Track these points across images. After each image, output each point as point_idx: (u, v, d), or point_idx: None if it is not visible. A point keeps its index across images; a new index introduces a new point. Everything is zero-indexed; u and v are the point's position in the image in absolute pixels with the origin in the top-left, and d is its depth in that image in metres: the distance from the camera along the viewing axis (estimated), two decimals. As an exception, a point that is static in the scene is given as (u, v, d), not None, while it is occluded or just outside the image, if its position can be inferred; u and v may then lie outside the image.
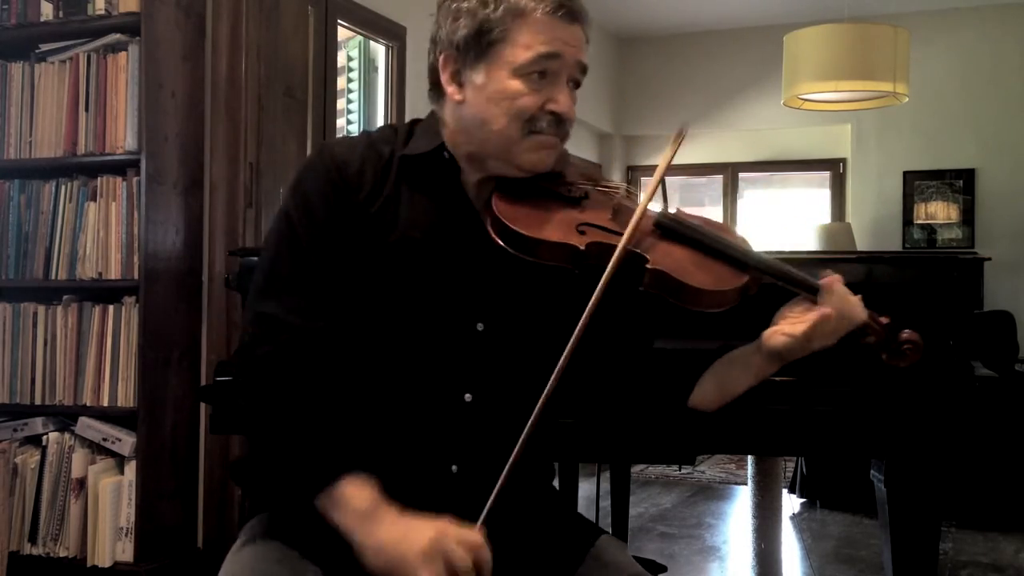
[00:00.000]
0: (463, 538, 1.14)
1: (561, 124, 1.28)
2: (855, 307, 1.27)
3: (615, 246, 1.23)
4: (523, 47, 1.25)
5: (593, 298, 1.19)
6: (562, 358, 1.18)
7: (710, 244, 1.30)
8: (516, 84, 1.25)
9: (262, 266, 1.30)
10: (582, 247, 1.24)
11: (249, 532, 1.32)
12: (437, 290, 1.28)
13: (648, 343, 1.43)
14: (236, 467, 1.70)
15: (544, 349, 1.26)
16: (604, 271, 1.21)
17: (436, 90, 1.34)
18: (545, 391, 1.18)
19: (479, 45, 1.26)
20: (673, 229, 1.31)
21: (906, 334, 1.29)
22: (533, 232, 1.25)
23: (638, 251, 1.24)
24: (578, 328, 1.18)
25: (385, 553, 1.15)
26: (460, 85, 1.29)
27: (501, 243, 1.25)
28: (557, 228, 1.26)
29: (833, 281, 1.28)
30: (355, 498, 1.18)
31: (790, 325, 1.26)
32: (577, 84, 1.31)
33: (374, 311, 1.27)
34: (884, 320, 1.30)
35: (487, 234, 1.27)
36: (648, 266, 1.24)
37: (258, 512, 1.35)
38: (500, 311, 1.29)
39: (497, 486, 1.17)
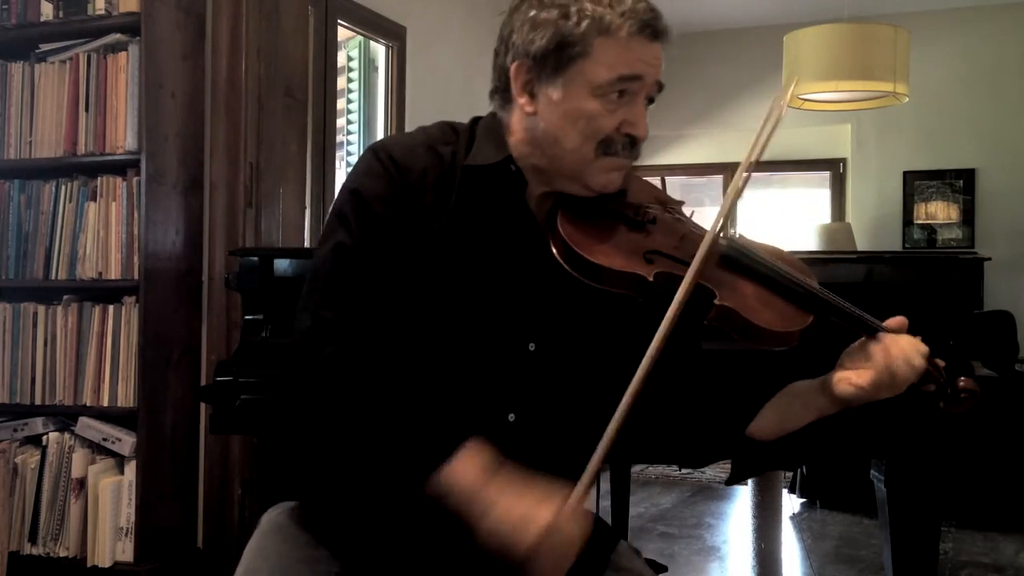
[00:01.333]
0: (570, 530, 1.11)
1: (635, 146, 1.25)
2: (916, 354, 1.23)
3: (683, 277, 1.19)
4: (605, 66, 1.20)
5: (661, 332, 1.15)
6: (631, 389, 1.14)
7: (777, 280, 1.27)
8: (594, 104, 1.21)
9: (319, 271, 1.24)
10: (650, 278, 1.20)
11: (272, 518, 1.31)
12: (493, 307, 1.24)
13: (699, 366, 1.40)
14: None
15: (593, 374, 1.25)
16: (669, 301, 1.17)
17: (503, 95, 1.28)
18: (614, 426, 1.14)
19: (558, 59, 1.21)
20: (740, 262, 1.28)
21: (963, 382, 1.26)
22: (599, 259, 1.20)
23: (706, 285, 1.21)
24: (647, 360, 1.14)
25: (499, 537, 1.10)
26: (532, 96, 1.24)
27: (566, 266, 1.22)
28: (623, 255, 1.22)
29: (900, 324, 1.25)
30: (463, 477, 1.12)
31: (857, 375, 1.23)
32: (651, 101, 1.27)
33: (428, 322, 1.23)
34: (941, 364, 1.27)
35: (548, 252, 1.23)
36: (716, 302, 1.20)
37: (277, 501, 1.34)
38: (554, 333, 1.26)
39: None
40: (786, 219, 7.11)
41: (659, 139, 7.11)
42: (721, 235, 1.28)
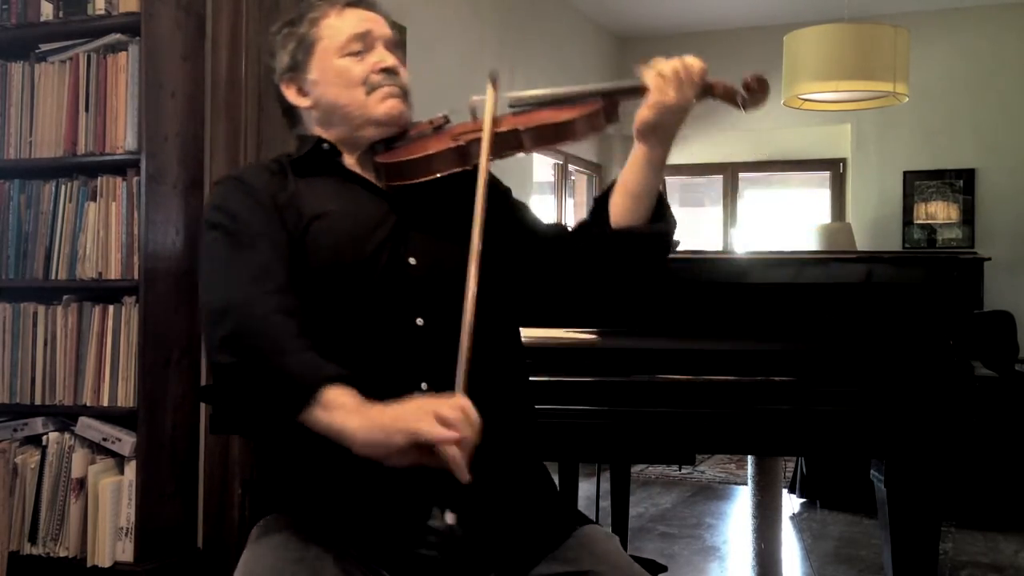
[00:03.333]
0: (448, 399, 1.20)
1: (395, 75, 1.48)
2: (693, 63, 1.40)
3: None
4: (335, 35, 1.47)
5: (481, 173, 1.34)
6: (475, 234, 1.31)
7: (557, 97, 1.47)
8: (343, 62, 1.47)
9: (208, 272, 1.37)
10: (463, 143, 1.42)
11: (262, 529, 1.34)
12: (365, 242, 1.38)
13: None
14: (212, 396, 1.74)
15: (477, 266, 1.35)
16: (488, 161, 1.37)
17: (291, 117, 1.55)
18: (473, 254, 1.29)
19: (304, 54, 1.49)
20: (525, 102, 1.48)
21: (748, 74, 1.42)
22: (420, 153, 1.43)
23: (506, 129, 1.41)
24: (478, 208, 1.32)
25: (376, 423, 1.19)
26: (305, 94, 1.50)
27: (399, 181, 1.43)
28: (436, 144, 1.44)
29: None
30: (343, 397, 1.22)
31: (645, 104, 1.39)
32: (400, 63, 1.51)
33: (314, 275, 1.36)
34: (718, 80, 1.43)
35: (384, 192, 1.44)
36: (520, 131, 1.40)
37: (266, 513, 1.36)
38: (423, 243, 1.41)
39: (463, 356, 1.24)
40: (786, 219, 7.11)
41: (659, 139, 7.11)
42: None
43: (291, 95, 1.51)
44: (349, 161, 1.49)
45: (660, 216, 1.43)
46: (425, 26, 4.60)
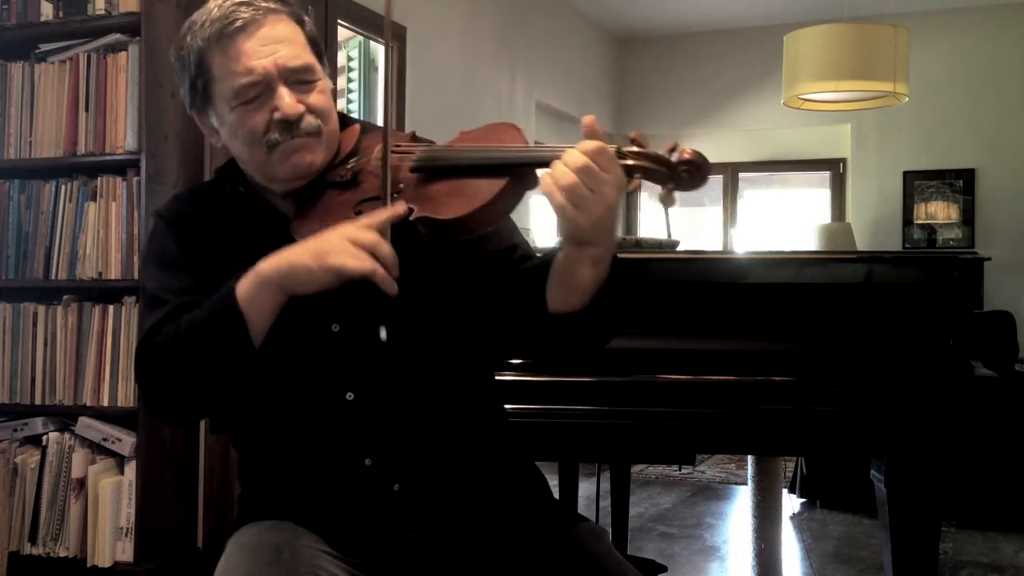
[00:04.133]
0: (357, 223, 1.17)
1: (294, 125, 1.26)
2: (597, 154, 1.13)
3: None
4: (225, 80, 1.27)
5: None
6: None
7: (464, 163, 1.22)
8: (236, 115, 1.27)
9: (143, 309, 1.33)
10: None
11: (237, 537, 1.36)
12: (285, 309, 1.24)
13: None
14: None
15: (402, 313, 1.27)
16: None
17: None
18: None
19: (202, 94, 1.31)
20: (428, 168, 1.25)
21: (686, 155, 1.15)
22: (317, 231, 1.22)
23: (402, 213, 1.20)
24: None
25: (298, 264, 1.17)
26: (216, 132, 1.34)
27: None
28: (332, 221, 1.22)
29: (588, 124, 1.16)
30: (249, 277, 1.20)
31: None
32: (307, 82, 1.30)
33: None
34: (638, 150, 1.16)
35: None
36: (411, 218, 1.19)
37: (245, 522, 1.36)
38: (349, 309, 1.28)
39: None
40: (786, 219, 7.11)
41: (659, 139, 7.11)
42: (422, 146, 1.28)
43: (205, 130, 1.36)
44: (275, 201, 1.34)
45: (608, 294, 1.20)
46: (425, 26, 4.61)
